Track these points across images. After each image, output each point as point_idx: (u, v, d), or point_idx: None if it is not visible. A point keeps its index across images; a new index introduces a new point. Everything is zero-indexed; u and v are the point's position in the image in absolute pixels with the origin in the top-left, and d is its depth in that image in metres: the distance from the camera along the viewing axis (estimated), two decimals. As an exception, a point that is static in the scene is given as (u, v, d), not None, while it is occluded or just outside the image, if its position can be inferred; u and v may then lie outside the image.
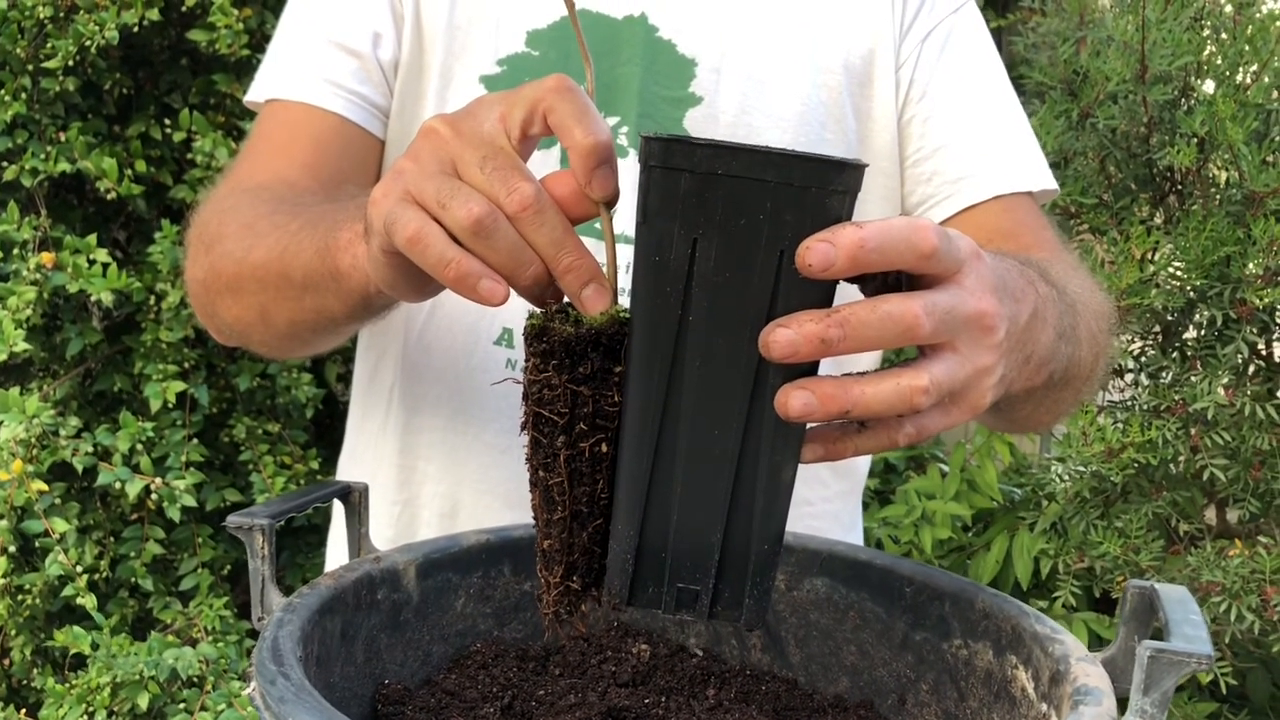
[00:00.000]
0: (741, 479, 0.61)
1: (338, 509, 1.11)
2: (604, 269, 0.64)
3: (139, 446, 1.82)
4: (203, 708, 1.91)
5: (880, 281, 0.62)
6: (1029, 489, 2.52)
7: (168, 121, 1.98)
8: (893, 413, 0.59)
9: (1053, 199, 1.09)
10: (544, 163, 1.00)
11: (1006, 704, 0.76)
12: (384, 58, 1.05)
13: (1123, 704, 0.64)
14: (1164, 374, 2.10)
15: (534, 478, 0.64)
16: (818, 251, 0.55)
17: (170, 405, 1.89)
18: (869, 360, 1.05)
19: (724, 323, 0.58)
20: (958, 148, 1.05)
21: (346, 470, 1.16)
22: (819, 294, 0.58)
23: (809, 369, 0.59)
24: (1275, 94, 2.04)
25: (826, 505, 1.12)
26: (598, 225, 0.65)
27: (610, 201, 0.64)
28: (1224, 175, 2.03)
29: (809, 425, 0.61)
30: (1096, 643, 2.28)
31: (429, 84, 1.05)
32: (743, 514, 0.62)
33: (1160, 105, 2.12)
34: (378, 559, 0.82)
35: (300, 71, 1.05)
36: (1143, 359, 2.12)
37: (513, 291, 1.04)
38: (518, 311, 1.03)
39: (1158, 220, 2.24)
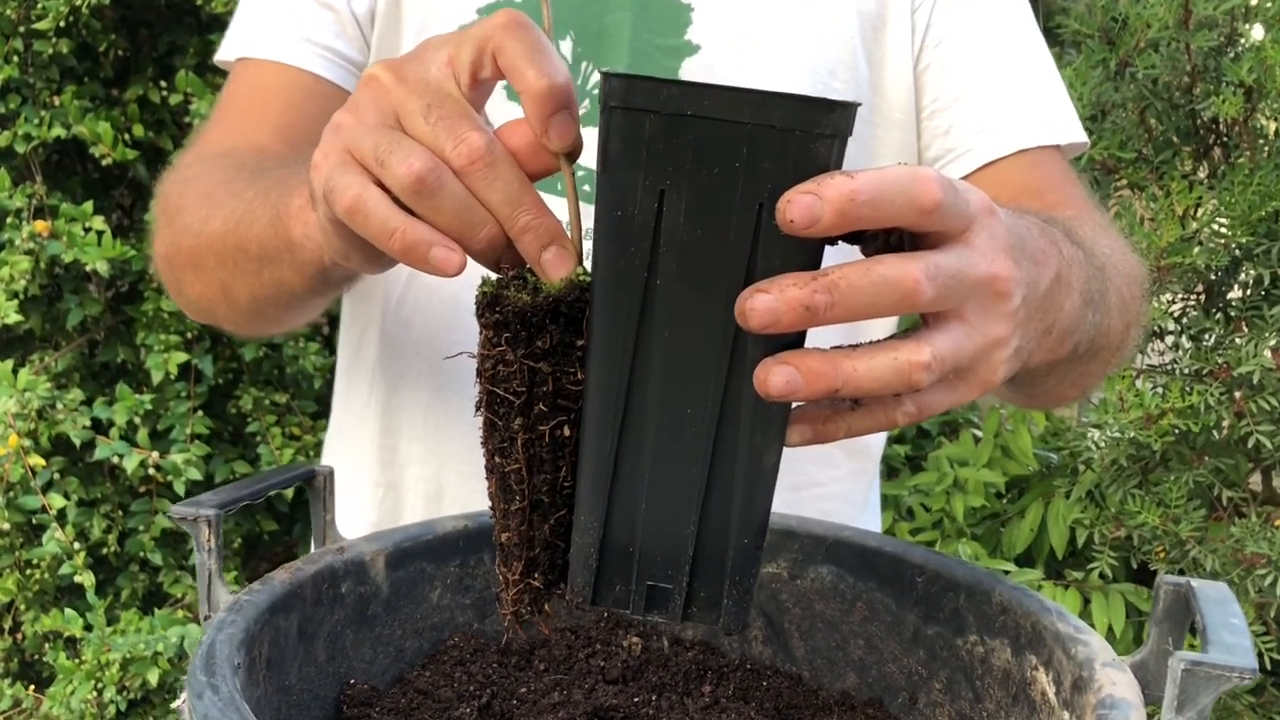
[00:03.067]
0: (718, 465, 0.54)
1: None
2: (568, 229, 0.58)
3: (136, 420, 1.77)
4: (212, 684, 1.88)
5: (882, 242, 0.54)
6: (1065, 455, 2.43)
7: (164, 84, 1.92)
8: (889, 391, 0.52)
9: (1083, 153, 1.01)
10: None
11: (1026, 708, 0.69)
12: (358, 10, 0.98)
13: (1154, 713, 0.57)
14: (1206, 336, 2.00)
15: (489, 463, 0.58)
16: (800, 205, 0.47)
17: (174, 376, 1.85)
18: (885, 326, 0.97)
19: (695, 287, 0.51)
20: (978, 97, 0.96)
21: (331, 450, 1.10)
22: (804, 254, 0.51)
23: (793, 340, 0.52)
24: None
25: (837, 486, 1.04)
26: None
27: (572, 153, 0.57)
28: (1272, 125, 1.92)
29: (794, 404, 0.54)
30: (1134, 614, 2.20)
31: (405, 36, 0.98)
32: (720, 504, 0.55)
33: (1204, 53, 2.01)
34: (341, 549, 0.76)
35: (271, 28, 0.99)
36: (1184, 320, 2.03)
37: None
38: (504, 279, 0.98)
39: (1201, 175, 2.13)
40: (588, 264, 0.56)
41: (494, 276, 0.57)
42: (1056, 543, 2.36)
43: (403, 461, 1.02)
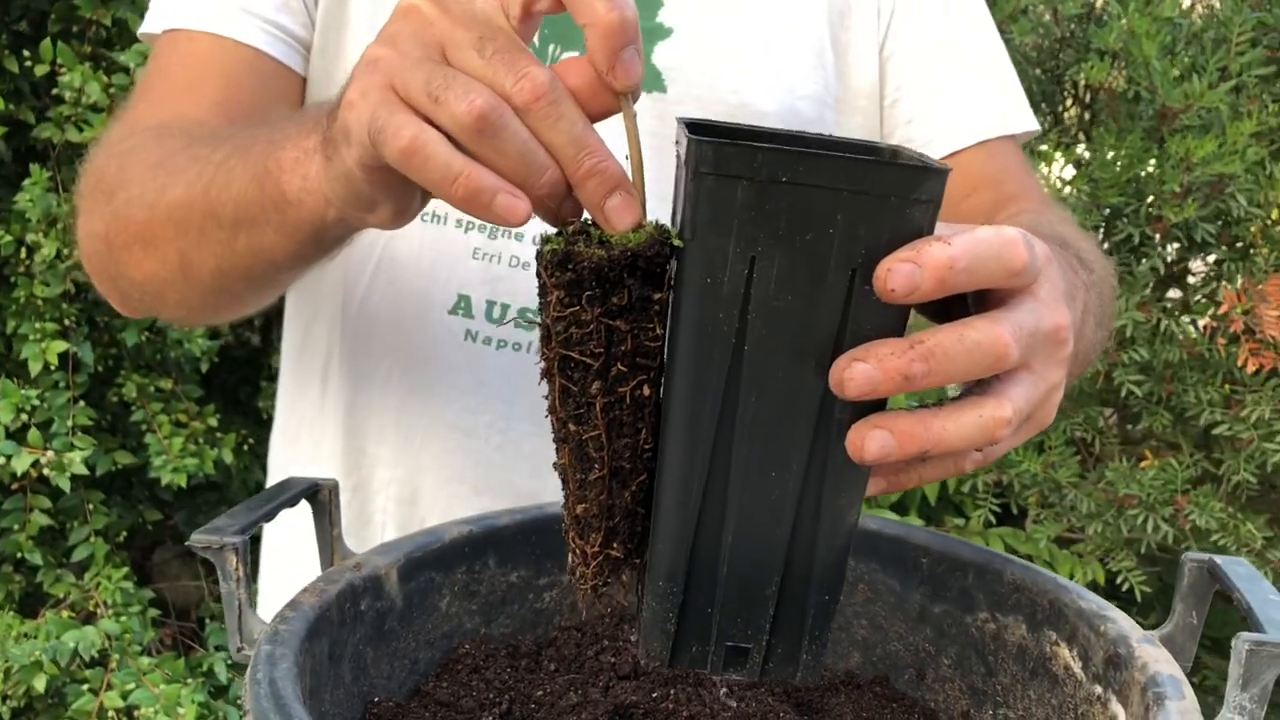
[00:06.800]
0: (801, 527, 0.54)
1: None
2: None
3: (23, 415, 1.66)
4: (108, 686, 1.80)
5: None
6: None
7: (26, 53, 1.78)
8: (973, 447, 0.53)
9: (1032, 138, 1.04)
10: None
11: (1046, 681, 0.73)
12: None
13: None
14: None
15: (562, 433, 0.55)
16: (901, 274, 0.48)
17: (52, 367, 1.73)
18: None
19: (784, 352, 0.51)
20: (940, 88, 0.98)
21: (280, 452, 1.06)
22: (893, 318, 0.51)
23: (879, 402, 0.52)
24: (1185, 2, 2.04)
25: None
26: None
27: (635, 92, 0.54)
28: (1131, 91, 2.02)
29: None
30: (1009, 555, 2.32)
31: (357, 9, 0.93)
32: (801, 565, 0.55)
33: (1071, 19, 2.10)
34: (358, 565, 0.74)
35: None
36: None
37: (459, 256, 0.95)
38: (474, 274, 0.95)
39: (1053, 137, 2.24)
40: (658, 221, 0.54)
41: (546, 232, 0.54)
42: (929, 489, 2.46)
43: (370, 463, 0.98)
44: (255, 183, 0.70)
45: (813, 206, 0.48)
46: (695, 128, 0.51)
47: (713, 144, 0.48)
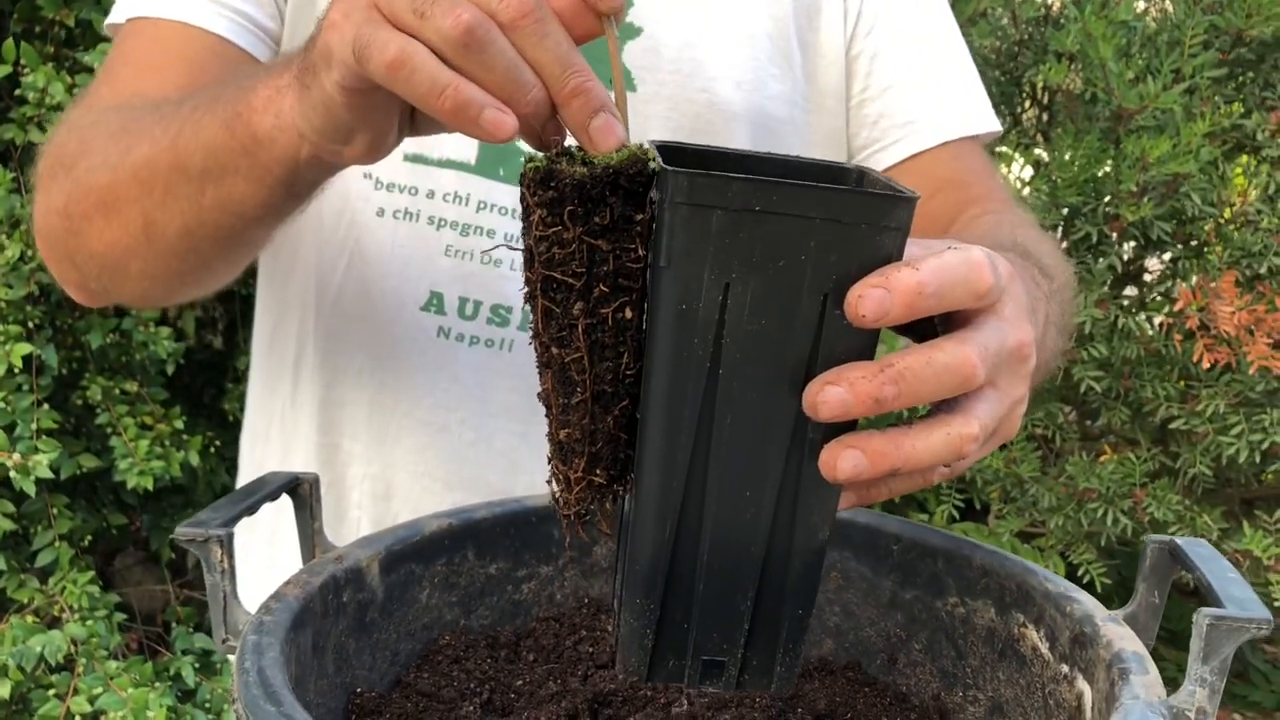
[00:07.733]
0: (775, 544, 0.56)
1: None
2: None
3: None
4: (75, 691, 1.78)
5: None
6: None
7: (-13, 53, 1.77)
8: (941, 463, 0.55)
9: (994, 139, 1.07)
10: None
11: (1014, 662, 0.75)
12: None
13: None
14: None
15: (545, 357, 0.55)
16: (872, 299, 0.49)
17: (16, 369, 1.72)
18: None
19: (759, 376, 0.52)
20: (905, 89, 1.00)
21: (252, 450, 1.06)
22: (864, 341, 0.53)
23: (850, 421, 0.54)
24: (1140, 6, 2.08)
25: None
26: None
27: (618, 15, 0.55)
28: (1089, 92, 2.06)
29: None
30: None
31: (325, 6, 0.94)
32: (774, 581, 0.57)
33: (1029, 22, 2.13)
34: (340, 558, 0.75)
35: None
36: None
37: (432, 253, 0.96)
38: (446, 271, 0.96)
39: (1020, 140, 2.27)
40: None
41: (529, 153, 0.55)
42: (896, 487, 2.48)
43: (345, 459, 0.99)
44: (225, 128, 0.69)
45: (786, 234, 0.50)
46: (667, 153, 0.53)
47: (687, 174, 0.49)
